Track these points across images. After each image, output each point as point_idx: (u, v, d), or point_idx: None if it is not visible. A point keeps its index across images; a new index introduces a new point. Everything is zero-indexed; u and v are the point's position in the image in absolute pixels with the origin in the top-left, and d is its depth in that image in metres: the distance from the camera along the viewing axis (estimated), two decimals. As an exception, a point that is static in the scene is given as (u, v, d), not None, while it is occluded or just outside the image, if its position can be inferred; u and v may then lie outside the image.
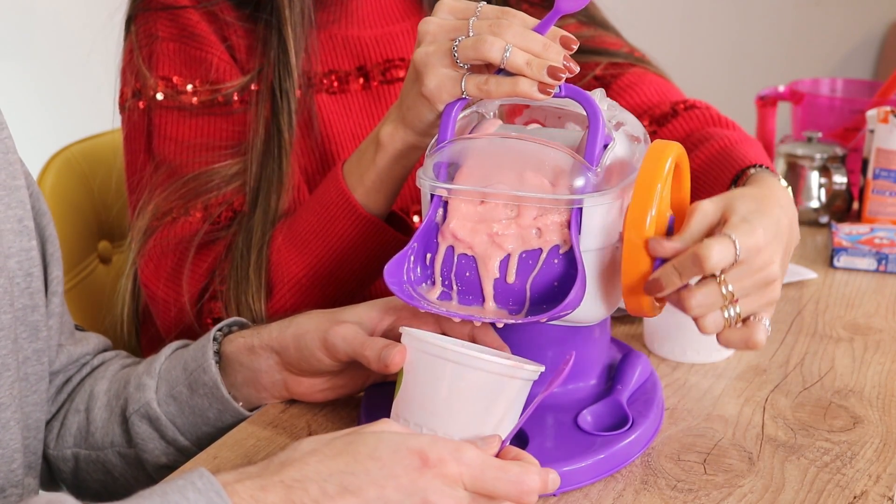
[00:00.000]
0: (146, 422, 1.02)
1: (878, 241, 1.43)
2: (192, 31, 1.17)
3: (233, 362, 1.01)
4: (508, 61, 0.89)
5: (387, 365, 0.85)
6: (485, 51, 0.89)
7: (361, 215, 1.08)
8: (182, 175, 1.15)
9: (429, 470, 0.74)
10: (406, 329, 0.86)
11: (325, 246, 1.10)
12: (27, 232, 0.96)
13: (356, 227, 1.08)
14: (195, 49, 1.17)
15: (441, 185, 0.88)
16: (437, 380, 0.82)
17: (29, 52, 2.71)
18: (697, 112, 1.26)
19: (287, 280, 1.11)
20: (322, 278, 1.11)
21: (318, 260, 1.10)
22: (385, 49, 1.30)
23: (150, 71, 1.17)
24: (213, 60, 1.17)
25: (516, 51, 0.89)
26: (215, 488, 0.71)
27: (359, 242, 1.09)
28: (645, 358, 1.01)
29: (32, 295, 0.97)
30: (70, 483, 1.09)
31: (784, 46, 3.57)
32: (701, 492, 0.88)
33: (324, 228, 1.09)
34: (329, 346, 0.94)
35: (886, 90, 1.74)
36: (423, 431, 0.82)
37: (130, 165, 1.21)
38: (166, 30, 1.17)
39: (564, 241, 0.86)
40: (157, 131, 1.17)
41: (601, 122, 0.86)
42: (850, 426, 0.99)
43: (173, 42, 1.17)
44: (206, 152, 1.16)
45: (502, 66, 0.89)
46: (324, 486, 0.72)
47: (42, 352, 0.98)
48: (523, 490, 0.76)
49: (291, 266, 1.11)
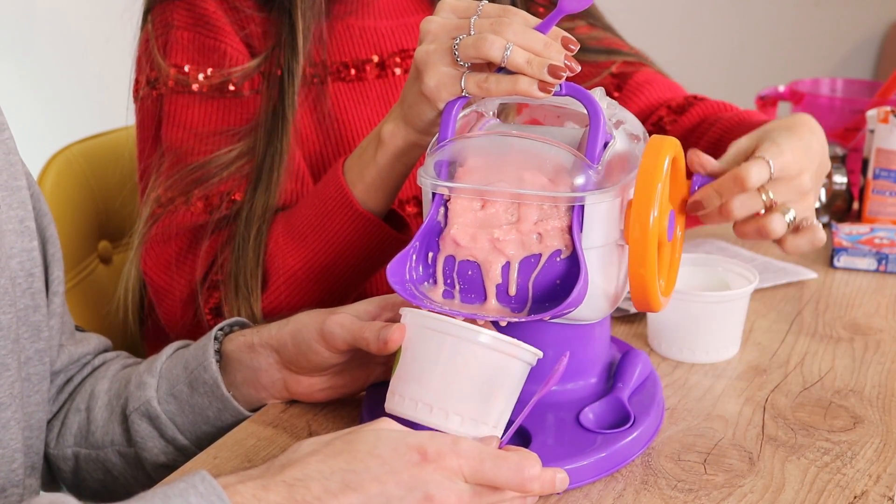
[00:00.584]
0: (146, 420, 1.02)
1: (879, 241, 1.43)
2: (208, 20, 1.18)
3: (233, 361, 1.01)
4: (509, 60, 0.89)
5: (386, 342, 0.86)
6: (485, 49, 0.89)
7: (359, 212, 1.08)
8: (187, 163, 1.16)
9: (428, 464, 0.74)
10: (405, 308, 0.86)
11: (321, 241, 1.10)
12: (28, 232, 0.96)
13: (353, 223, 1.09)
14: (210, 38, 1.18)
15: (442, 184, 0.88)
16: (435, 354, 0.83)
17: (29, 52, 2.71)
18: (710, 101, 1.33)
19: (283, 272, 1.12)
20: (318, 272, 1.11)
21: (315, 254, 1.11)
22: (401, 39, 1.31)
23: (165, 59, 1.18)
24: (227, 49, 1.18)
25: (517, 49, 0.89)
26: (217, 492, 0.71)
27: (355, 239, 1.09)
28: (645, 356, 1.01)
29: (34, 295, 0.97)
30: (70, 482, 1.09)
31: (784, 46, 3.57)
32: (701, 492, 0.88)
33: (322, 223, 1.10)
34: (326, 336, 0.94)
35: (886, 90, 1.74)
36: (419, 407, 0.83)
37: (141, 153, 1.22)
38: (182, 19, 1.18)
39: (566, 246, 0.86)
40: (167, 118, 1.18)
41: (602, 120, 0.86)
42: (851, 426, 0.99)
43: (188, 31, 1.18)
44: (213, 139, 1.17)
45: (503, 65, 0.89)
46: (326, 484, 0.73)
47: (44, 352, 0.98)
48: (524, 477, 0.76)
49: (288, 258, 1.12)
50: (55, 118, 2.67)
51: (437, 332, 0.83)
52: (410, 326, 0.85)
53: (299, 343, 0.96)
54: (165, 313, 1.19)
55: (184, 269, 1.16)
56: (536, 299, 0.88)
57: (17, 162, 0.96)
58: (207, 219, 1.15)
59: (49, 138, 1.83)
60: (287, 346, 0.97)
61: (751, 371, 1.10)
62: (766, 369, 1.11)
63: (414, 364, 0.84)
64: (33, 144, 1.92)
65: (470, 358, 0.82)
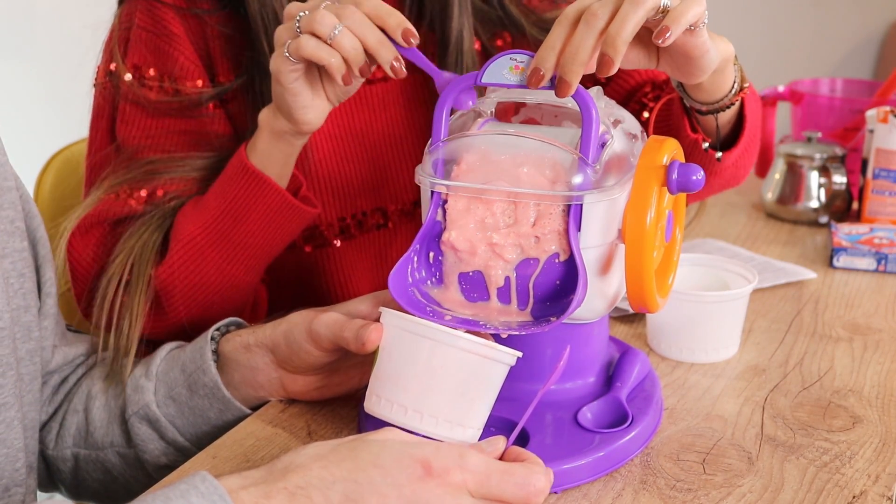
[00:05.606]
0: (146, 423, 1.02)
1: (878, 240, 1.43)
2: (165, 26, 1.18)
3: (230, 361, 1.01)
4: (335, 40, 0.95)
5: (363, 343, 0.86)
6: (315, 23, 0.95)
7: (253, 173, 1.10)
8: (141, 159, 1.16)
9: (432, 479, 0.74)
10: (385, 309, 0.86)
11: (220, 204, 1.11)
12: (19, 233, 0.96)
13: (249, 185, 1.10)
14: (164, 43, 1.18)
15: (440, 182, 0.88)
16: (412, 356, 0.83)
17: (29, 52, 2.71)
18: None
19: (183, 237, 1.12)
20: (217, 236, 1.11)
21: (213, 218, 1.11)
22: None
23: (123, 56, 1.19)
24: (179, 58, 1.18)
25: (346, 33, 0.95)
26: (219, 492, 0.71)
27: (251, 201, 1.10)
28: (644, 356, 1.01)
29: (25, 295, 0.97)
30: (69, 483, 1.09)
31: (784, 46, 3.56)
32: (700, 491, 0.88)
33: (221, 189, 1.11)
34: (314, 335, 0.94)
35: (886, 90, 1.74)
36: (394, 408, 0.83)
37: (93, 142, 1.22)
38: (143, 19, 1.19)
39: (563, 250, 0.86)
40: (121, 116, 1.18)
41: (594, 116, 0.86)
42: (850, 426, 0.99)
43: (146, 32, 1.18)
44: (167, 139, 1.17)
45: (328, 43, 0.95)
46: (327, 494, 0.72)
47: (34, 352, 0.98)
48: (530, 492, 0.76)
49: (188, 225, 1.12)
50: (55, 118, 2.67)
51: (414, 334, 0.83)
52: (388, 328, 0.85)
53: (291, 343, 0.96)
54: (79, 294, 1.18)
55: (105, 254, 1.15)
56: (538, 299, 0.88)
57: (5, 163, 0.96)
58: (140, 211, 1.14)
59: (49, 138, 1.83)
60: (280, 345, 0.97)
61: (750, 371, 1.10)
62: (765, 369, 1.11)
63: (391, 365, 0.84)
64: (33, 144, 1.93)
65: (447, 361, 0.82)
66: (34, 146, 1.85)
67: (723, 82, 1.04)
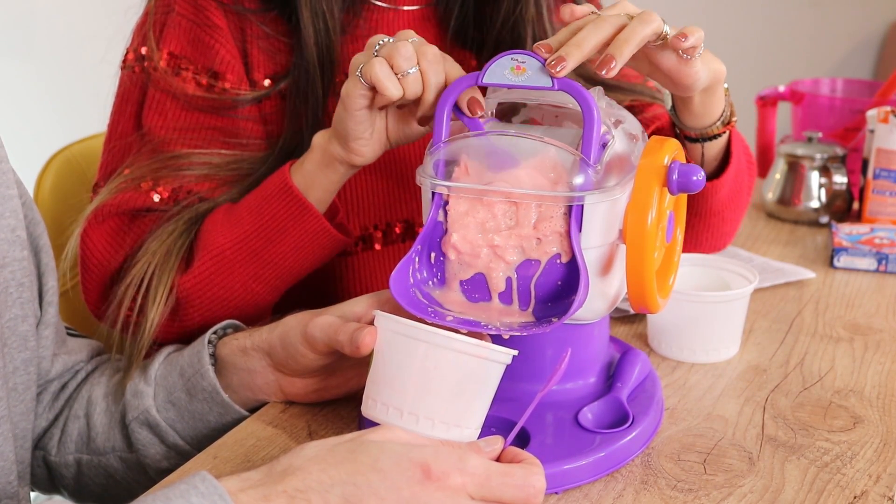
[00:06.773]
0: (146, 428, 1.02)
1: (879, 241, 1.43)
2: (208, 16, 1.16)
3: (228, 365, 1.01)
4: (404, 78, 0.95)
5: (358, 347, 0.85)
6: (395, 54, 0.95)
7: (294, 193, 1.08)
8: (167, 151, 1.14)
9: (431, 483, 0.74)
10: (378, 312, 0.86)
11: (255, 223, 1.09)
12: (20, 242, 0.96)
13: (289, 208, 1.08)
14: (205, 34, 1.16)
15: (441, 183, 0.88)
16: (407, 359, 0.82)
17: (29, 52, 2.71)
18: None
19: (211, 248, 1.10)
20: (247, 253, 1.09)
21: (246, 234, 1.09)
22: None
23: (158, 42, 1.16)
24: (220, 50, 1.16)
25: (416, 75, 0.95)
26: (219, 491, 0.71)
27: (289, 223, 1.08)
28: (644, 356, 1.01)
29: (23, 305, 0.96)
30: (72, 488, 1.10)
31: (784, 46, 3.56)
32: (701, 492, 0.88)
33: (259, 206, 1.09)
34: (309, 338, 0.94)
35: (886, 90, 1.74)
36: (390, 411, 0.83)
37: (115, 125, 1.19)
38: (183, 7, 1.16)
39: (564, 251, 0.86)
40: (150, 104, 1.16)
41: (595, 116, 0.86)
42: (850, 426, 0.99)
43: (185, 20, 1.16)
44: (197, 134, 1.15)
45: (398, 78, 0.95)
46: (326, 497, 0.72)
47: (30, 361, 0.98)
48: (529, 493, 0.76)
49: (218, 236, 1.10)
50: (55, 118, 2.68)
51: (407, 337, 0.83)
52: (381, 331, 0.85)
53: (287, 346, 0.96)
54: (88, 284, 1.15)
55: (121, 246, 1.13)
56: (539, 300, 0.88)
57: (7, 170, 0.95)
58: (162, 207, 1.13)
59: (49, 138, 1.83)
60: (276, 349, 0.97)
61: (750, 371, 1.10)
62: (765, 369, 1.11)
63: (386, 369, 0.84)
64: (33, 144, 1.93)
65: (441, 363, 0.82)
66: (34, 146, 1.85)
67: (712, 105, 1.07)
